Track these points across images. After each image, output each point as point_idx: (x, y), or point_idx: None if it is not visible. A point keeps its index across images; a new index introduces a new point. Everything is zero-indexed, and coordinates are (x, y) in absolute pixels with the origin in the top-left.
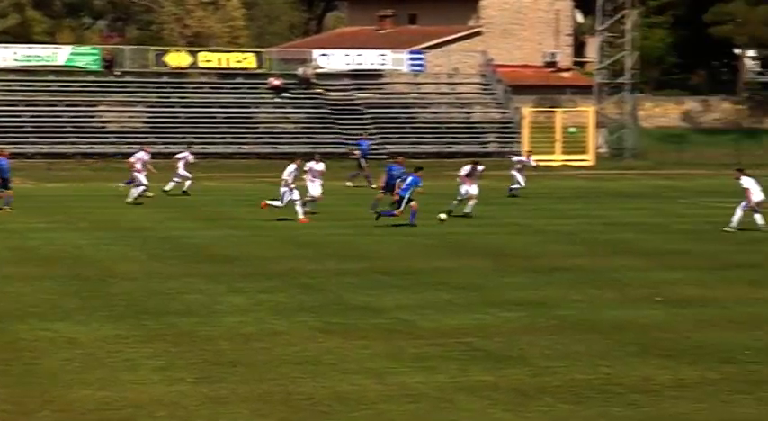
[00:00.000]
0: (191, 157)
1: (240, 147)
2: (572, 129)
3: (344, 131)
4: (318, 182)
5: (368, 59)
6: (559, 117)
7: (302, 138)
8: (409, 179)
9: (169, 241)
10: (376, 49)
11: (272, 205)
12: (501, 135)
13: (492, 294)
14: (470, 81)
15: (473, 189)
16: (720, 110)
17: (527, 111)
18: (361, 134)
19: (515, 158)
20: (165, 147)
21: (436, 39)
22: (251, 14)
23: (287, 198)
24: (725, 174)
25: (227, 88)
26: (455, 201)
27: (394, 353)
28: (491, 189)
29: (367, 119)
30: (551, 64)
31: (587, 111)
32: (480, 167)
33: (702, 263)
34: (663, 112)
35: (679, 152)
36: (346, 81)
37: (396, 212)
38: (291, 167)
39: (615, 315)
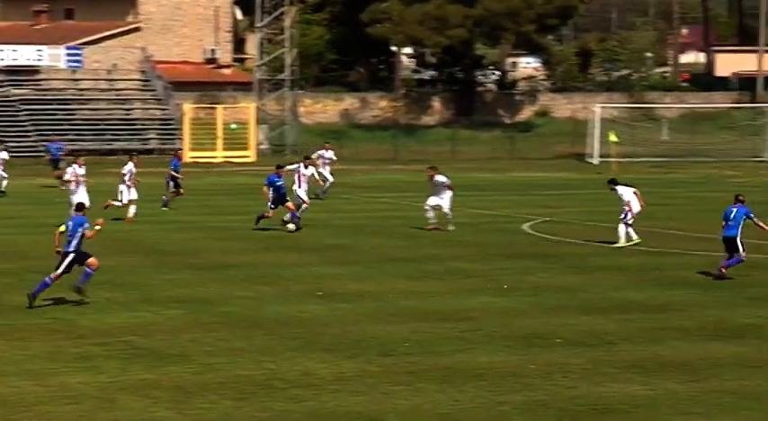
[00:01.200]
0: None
1: None
2: (233, 126)
3: None
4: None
5: (23, 55)
6: (220, 113)
7: None
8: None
9: None
10: (32, 44)
11: (114, 205)
12: (162, 131)
13: (153, 292)
14: (130, 77)
15: (302, 192)
16: (378, 107)
17: (188, 108)
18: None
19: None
20: None
21: (94, 34)
22: None
23: (126, 197)
24: (383, 169)
25: None
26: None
27: (54, 354)
28: (151, 186)
29: (23, 115)
30: (211, 60)
31: (248, 108)
32: (311, 170)
33: (362, 257)
34: (323, 109)
35: (338, 148)
36: (1, 77)
37: (268, 214)
38: (129, 166)
39: (278, 310)
